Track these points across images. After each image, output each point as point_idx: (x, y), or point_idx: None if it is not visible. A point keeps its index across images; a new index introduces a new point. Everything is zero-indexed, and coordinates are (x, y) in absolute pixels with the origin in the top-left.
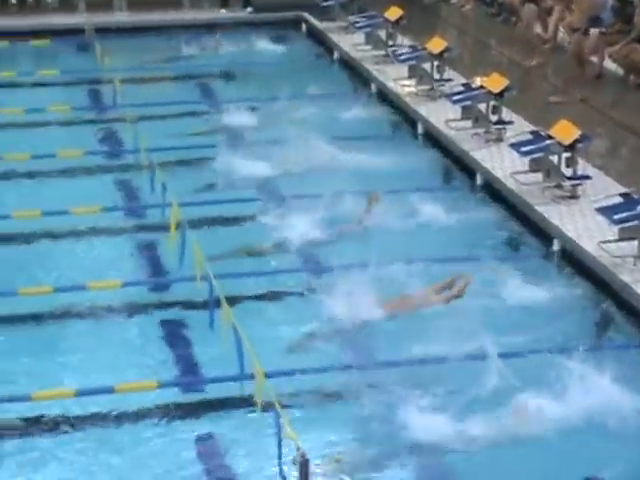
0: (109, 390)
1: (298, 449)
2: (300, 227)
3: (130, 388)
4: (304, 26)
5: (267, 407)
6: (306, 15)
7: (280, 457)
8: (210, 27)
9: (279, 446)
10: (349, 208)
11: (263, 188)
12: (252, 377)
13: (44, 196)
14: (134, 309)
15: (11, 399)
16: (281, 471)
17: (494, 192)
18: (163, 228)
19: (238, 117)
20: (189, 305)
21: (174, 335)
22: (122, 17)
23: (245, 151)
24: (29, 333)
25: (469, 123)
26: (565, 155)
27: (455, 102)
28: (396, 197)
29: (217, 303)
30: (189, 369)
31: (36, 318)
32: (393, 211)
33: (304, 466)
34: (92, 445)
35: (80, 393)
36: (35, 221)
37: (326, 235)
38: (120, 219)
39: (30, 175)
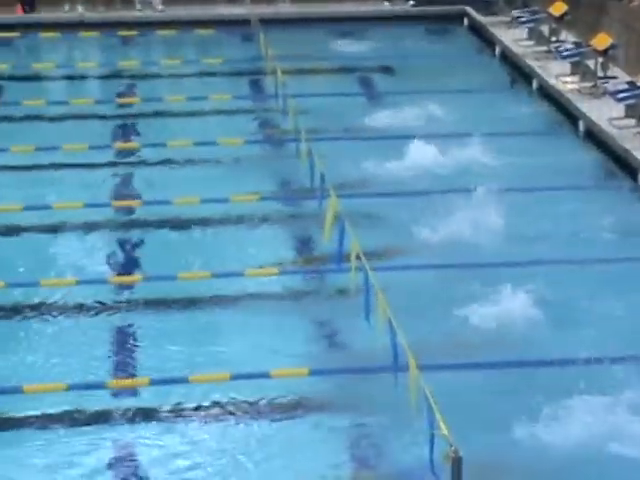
0: (264, 375)
1: (451, 446)
2: (449, 224)
3: (283, 374)
4: (466, 20)
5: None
6: (468, 9)
7: (432, 453)
8: (372, 20)
9: (431, 442)
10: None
11: (414, 184)
12: (406, 369)
13: (204, 184)
14: (288, 297)
15: (170, 381)
16: (432, 468)
17: None
18: (320, 218)
19: (397, 111)
20: (342, 294)
21: (325, 324)
22: (286, 9)
23: (401, 146)
24: (187, 317)
25: (633, 121)
26: None
27: (619, 100)
28: (554, 195)
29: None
30: (340, 358)
31: (193, 302)
32: (551, 210)
33: (456, 463)
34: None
35: (235, 377)
36: (194, 208)
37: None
38: (277, 208)
39: (191, 162)
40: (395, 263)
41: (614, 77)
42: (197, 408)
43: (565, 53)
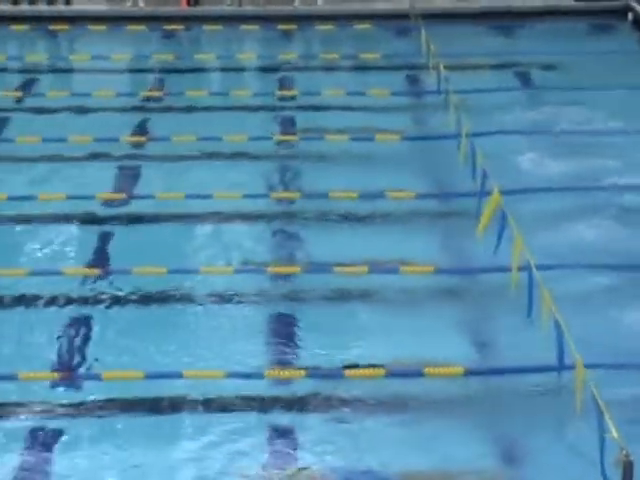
0: (419, 373)
1: (622, 450)
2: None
3: (436, 373)
4: (630, 15)
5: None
6: (633, 3)
7: (602, 457)
8: (533, 15)
9: (601, 445)
10: None
11: (575, 181)
12: (571, 368)
13: (360, 178)
14: (443, 294)
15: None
16: (603, 472)
17: None
18: (477, 215)
19: (557, 108)
20: (501, 292)
21: (482, 323)
22: (445, 4)
23: (562, 142)
24: (343, 310)
25: None
26: None
27: None
28: None
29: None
30: (497, 355)
31: (349, 296)
32: None
33: (628, 468)
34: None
35: (389, 374)
36: (351, 202)
37: None
38: (435, 204)
39: (348, 156)
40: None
41: None
42: (353, 401)
43: None
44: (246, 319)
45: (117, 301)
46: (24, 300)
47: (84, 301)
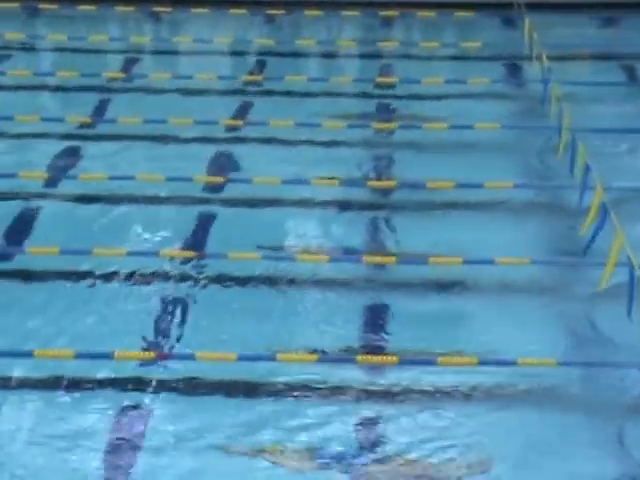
0: (512, 363)
1: None
2: None
3: (531, 363)
4: None
5: None
6: None
7: None
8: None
9: None
10: None
11: None
12: None
13: (457, 168)
14: (538, 286)
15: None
16: None
17: None
18: (578, 210)
19: None
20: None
21: (576, 315)
22: None
23: None
24: (439, 300)
25: None
26: None
27: None
28: None
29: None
30: (592, 349)
31: (442, 286)
32: None
33: None
34: None
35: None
36: (447, 192)
37: None
38: (532, 197)
39: (445, 146)
40: None
41: None
42: (446, 390)
43: None
44: (340, 307)
45: (214, 284)
46: (123, 280)
47: (181, 282)
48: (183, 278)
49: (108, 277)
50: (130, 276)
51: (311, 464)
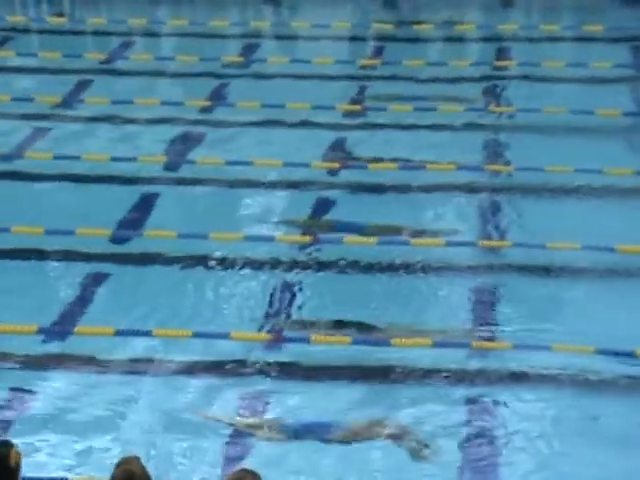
0: (630, 354)
1: None
2: None
3: None
4: None
5: None
6: None
7: None
8: None
9: None
10: None
11: None
12: None
13: (576, 153)
14: None
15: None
16: None
17: None
18: None
19: None
20: None
21: None
22: None
23: None
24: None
25: None
26: None
27: None
28: None
29: None
30: None
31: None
32: None
33: None
34: None
35: (598, 352)
36: (566, 176)
37: None
38: None
39: (565, 130)
40: None
41: None
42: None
43: None
44: (453, 292)
45: (328, 268)
46: (239, 264)
47: (296, 266)
48: (298, 262)
49: (225, 261)
50: (246, 260)
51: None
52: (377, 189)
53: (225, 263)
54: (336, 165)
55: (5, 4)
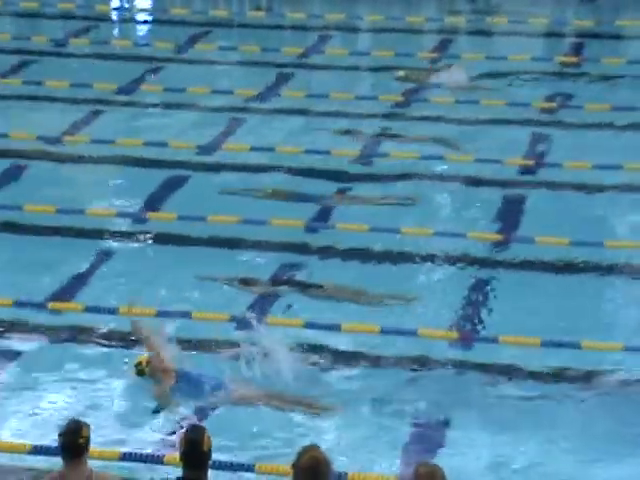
0: None
1: None
2: None
3: None
4: None
5: None
6: None
7: None
8: None
9: None
10: None
11: None
12: None
13: None
14: None
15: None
16: None
17: None
18: None
19: None
20: None
21: None
22: None
23: None
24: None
25: None
26: None
27: None
28: None
29: None
30: None
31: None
32: None
33: None
34: None
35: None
36: None
37: None
38: None
39: None
40: None
41: None
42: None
43: None
44: None
45: (520, 268)
46: (435, 260)
47: (488, 265)
48: (490, 260)
49: (419, 257)
50: (438, 257)
51: None
52: (569, 187)
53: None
54: (531, 163)
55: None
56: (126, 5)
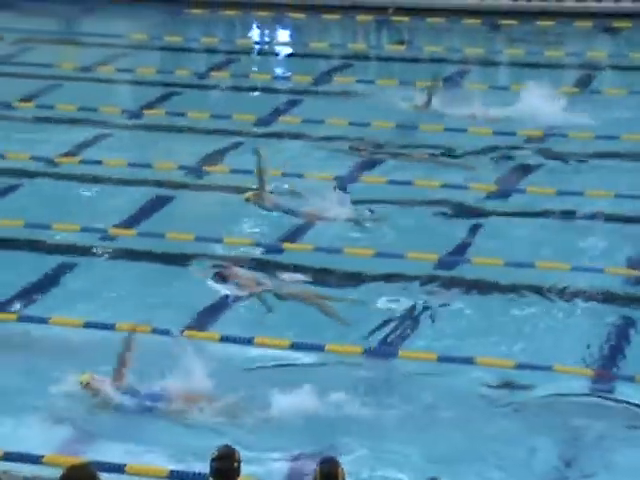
0: None
1: None
2: None
3: None
4: None
5: None
6: None
7: None
8: None
9: None
10: None
11: None
12: None
13: None
14: None
15: None
16: None
17: None
18: None
19: None
20: None
21: None
22: None
23: None
24: None
25: None
26: None
27: None
28: None
29: None
30: None
31: None
32: None
33: None
34: None
35: None
36: None
37: None
38: None
39: None
40: None
41: None
42: None
43: None
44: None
45: None
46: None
47: (628, 302)
48: (631, 298)
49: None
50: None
51: None
52: None
53: (559, 295)
54: None
55: (349, 33)
56: (266, 39)
